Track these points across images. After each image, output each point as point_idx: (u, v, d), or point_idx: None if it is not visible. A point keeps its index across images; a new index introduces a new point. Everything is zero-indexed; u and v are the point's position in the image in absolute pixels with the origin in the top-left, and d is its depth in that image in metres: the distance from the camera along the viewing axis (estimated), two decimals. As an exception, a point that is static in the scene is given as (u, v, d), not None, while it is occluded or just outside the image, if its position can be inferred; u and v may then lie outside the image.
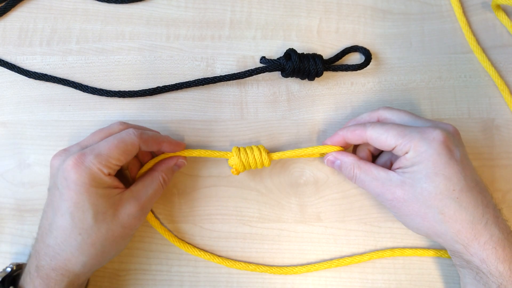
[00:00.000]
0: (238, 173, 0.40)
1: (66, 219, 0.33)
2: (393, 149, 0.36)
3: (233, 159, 0.39)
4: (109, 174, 0.34)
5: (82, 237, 0.33)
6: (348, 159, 0.39)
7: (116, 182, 0.35)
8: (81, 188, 0.33)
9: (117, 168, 0.35)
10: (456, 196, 0.34)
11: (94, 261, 0.34)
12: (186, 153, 0.40)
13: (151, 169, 0.39)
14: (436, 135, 0.35)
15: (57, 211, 0.34)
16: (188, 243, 0.41)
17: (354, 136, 0.38)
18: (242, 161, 0.39)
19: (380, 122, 0.38)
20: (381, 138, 0.36)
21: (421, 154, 0.34)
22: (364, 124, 0.38)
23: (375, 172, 0.37)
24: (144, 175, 0.39)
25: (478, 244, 0.34)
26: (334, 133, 0.40)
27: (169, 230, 0.42)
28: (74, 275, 0.34)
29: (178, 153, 0.40)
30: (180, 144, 0.40)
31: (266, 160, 0.39)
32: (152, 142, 0.37)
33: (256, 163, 0.39)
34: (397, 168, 0.36)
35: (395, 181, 0.36)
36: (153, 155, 0.41)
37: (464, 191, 0.34)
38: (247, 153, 0.39)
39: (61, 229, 0.33)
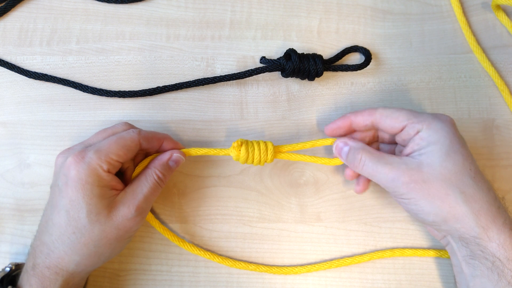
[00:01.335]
0: (239, 149, 0.38)
1: (62, 216, 0.33)
2: (401, 129, 0.36)
3: (237, 148, 0.38)
4: (109, 171, 0.34)
5: (75, 236, 0.33)
6: (358, 144, 0.37)
7: (114, 182, 0.35)
8: (77, 184, 0.33)
9: (117, 165, 0.35)
10: (472, 175, 0.34)
11: (88, 261, 0.34)
12: (185, 151, 0.39)
13: (145, 168, 0.38)
14: (446, 117, 0.36)
15: (54, 208, 0.34)
16: (188, 243, 0.41)
17: (362, 116, 0.38)
18: (247, 149, 0.38)
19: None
20: (393, 115, 0.36)
21: (437, 131, 0.34)
22: (373, 108, 0.38)
23: (387, 157, 0.36)
24: (138, 174, 0.38)
25: (496, 226, 0.34)
26: (341, 116, 0.39)
27: (169, 230, 0.42)
28: (68, 274, 0.34)
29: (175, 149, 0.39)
30: (179, 144, 0.40)
31: (271, 151, 0.38)
32: (152, 139, 0.37)
33: (260, 152, 0.38)
34: (410, 153, 0.36)
35: (411, 164, 0.34)
36: None
37: (478, 172, 0.35)
38: (253, 145, 0.38)
39: (56, 226, 0.34)
